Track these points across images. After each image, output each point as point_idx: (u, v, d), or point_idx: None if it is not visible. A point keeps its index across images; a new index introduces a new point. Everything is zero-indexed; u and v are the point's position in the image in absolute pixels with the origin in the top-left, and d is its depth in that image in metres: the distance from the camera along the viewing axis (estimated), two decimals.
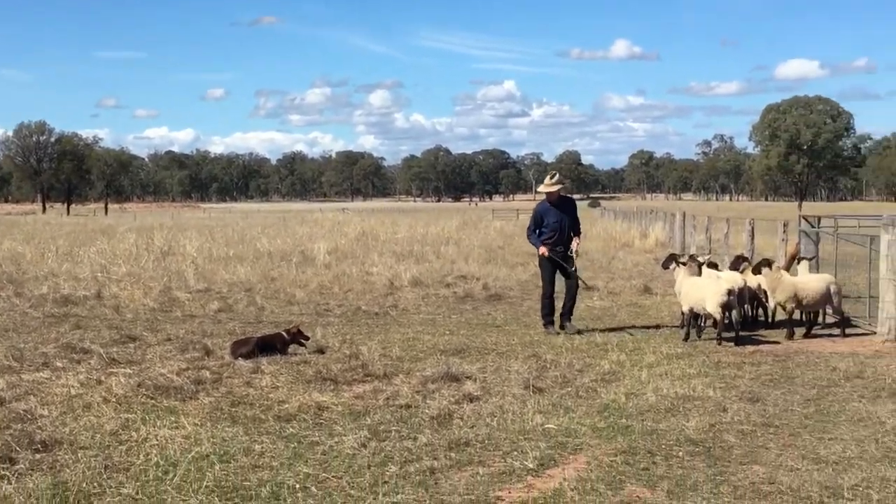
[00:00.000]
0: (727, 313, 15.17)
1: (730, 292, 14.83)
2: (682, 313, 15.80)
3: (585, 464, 8.23)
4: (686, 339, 15.15)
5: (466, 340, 15.19)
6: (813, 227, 19.98)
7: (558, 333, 16.14)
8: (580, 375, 12.10)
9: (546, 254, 16.75)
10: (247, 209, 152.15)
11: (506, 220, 77.04)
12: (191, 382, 11.47)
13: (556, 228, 16.80)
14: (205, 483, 7.65)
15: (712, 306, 14.83)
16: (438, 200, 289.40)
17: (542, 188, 17.17)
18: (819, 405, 10.50)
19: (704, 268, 16.47)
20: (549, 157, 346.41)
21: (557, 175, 17.38)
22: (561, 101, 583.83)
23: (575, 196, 19.04)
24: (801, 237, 19.93)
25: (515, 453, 8.53)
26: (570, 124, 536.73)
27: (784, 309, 15.88)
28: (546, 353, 13.85)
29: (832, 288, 15.75)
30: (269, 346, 13.66)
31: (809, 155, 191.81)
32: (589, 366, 12.78)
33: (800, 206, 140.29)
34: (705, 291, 15.03)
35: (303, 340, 14.01)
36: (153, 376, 11.76)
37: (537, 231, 16.96)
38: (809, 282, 15.90)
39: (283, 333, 14.05)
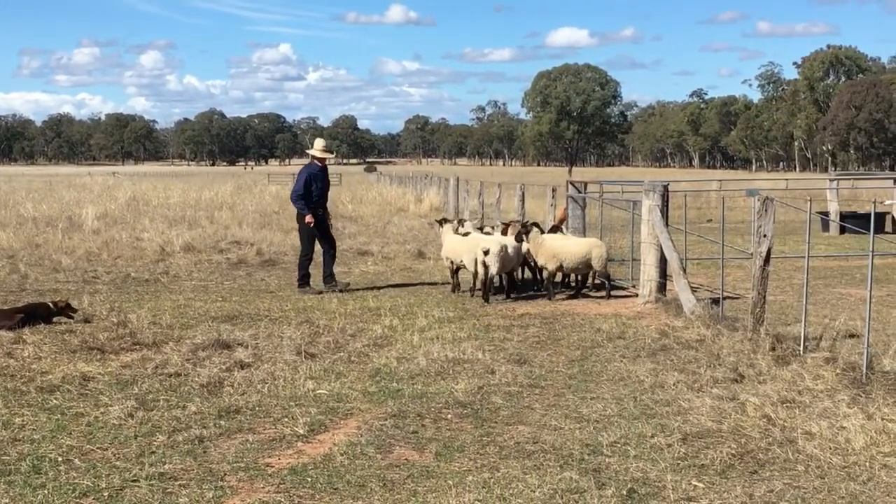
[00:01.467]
0: (485, 271, 15.80)
1: (485, 252, 15.54)
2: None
3: (356, 428, 8.29)
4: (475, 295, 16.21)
5: (239, 307, 15.06)
6: (580, 192, 20.58)
7: (320, 293, 16.71)
8: (352, 340, 12.17)
9: (312, 222, 17.14)
10: (10, 173, 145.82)
11: (282, 184, 76.15)
12: None
13: (321, 193, 17.25)
14: None
15: (468, 263, 15.97)
16: (213, 164, 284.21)
17: (316, 152, 17.55)
18: (583, 366, 10.86)
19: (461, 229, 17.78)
20: (325, 122, 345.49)
21: (329, 142, 17.90)
22: (337, 65, 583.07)
23: (352, 160, 19.67)
24: (568, 202, 20.50)
25: (286, 420, 8.53)
26: (346, 88, 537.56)
27: (547, 272, 16.31)
28: (319, 318, 13.86)
29: (595, 252, 16.22)
30: (33, 315, 13.20)
31: (579, 121, 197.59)
32: (361, 331, 12.86)
33: (570, 171, 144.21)
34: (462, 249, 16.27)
35: (70, 313, 13.59)
36: None
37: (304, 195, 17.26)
38: (569, 246, 16.33)
39: (50, 304, 13.60)
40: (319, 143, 17.82)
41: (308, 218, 17.12)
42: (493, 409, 8.96)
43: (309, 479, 7.00)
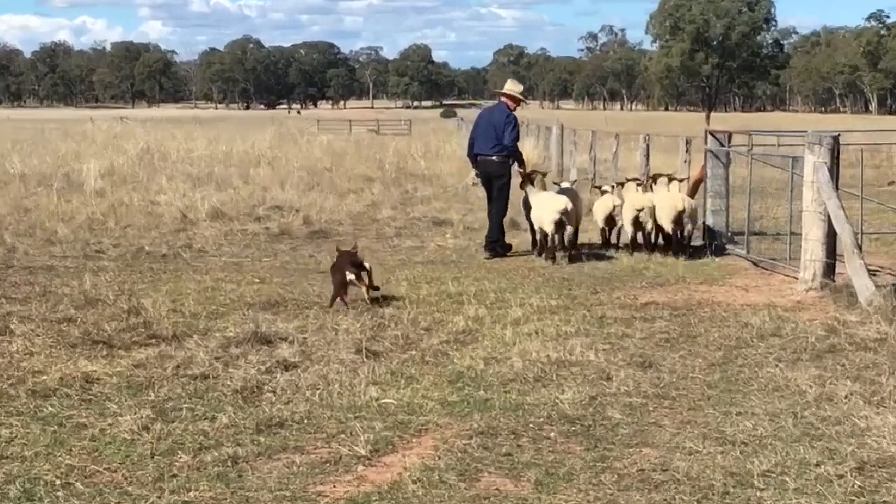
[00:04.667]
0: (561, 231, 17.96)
1: (562, 211, 17.31)
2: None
3: (432, 448, 8.32)
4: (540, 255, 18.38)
5: (282, 291, 15.17)
6: (722, 145, 20.35)
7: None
8: (427, 335, 12.20)
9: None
10: None
11: (335, 133, 76.68)
12: None
13: None
14: None
15: (548, 224, 17.76)
16: (247, 107, 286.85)
17: (516, 91, 19.80)
18: (726, 371, 10.79)
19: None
20: (390, 53, 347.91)
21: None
22: None
23: (426, 103, 19.61)
24: (707, 158, 20.30)
25: (342, 436, 8.57)
26: (416, 10, 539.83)
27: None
28: (384, 307, 13.91)
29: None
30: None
31: (720, 53, 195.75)
32: (439, 323, 12.90)
33: (708, 117, 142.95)
34: (542, 209, 17.80)
35: (374, 288, 14.29)
36: None
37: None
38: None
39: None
40: (517, 84, 20.12)
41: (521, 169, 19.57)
42: (609, 425, 8.95)
43: None
